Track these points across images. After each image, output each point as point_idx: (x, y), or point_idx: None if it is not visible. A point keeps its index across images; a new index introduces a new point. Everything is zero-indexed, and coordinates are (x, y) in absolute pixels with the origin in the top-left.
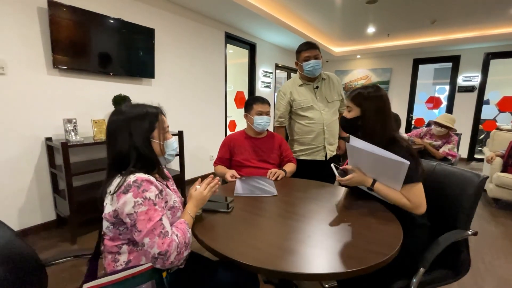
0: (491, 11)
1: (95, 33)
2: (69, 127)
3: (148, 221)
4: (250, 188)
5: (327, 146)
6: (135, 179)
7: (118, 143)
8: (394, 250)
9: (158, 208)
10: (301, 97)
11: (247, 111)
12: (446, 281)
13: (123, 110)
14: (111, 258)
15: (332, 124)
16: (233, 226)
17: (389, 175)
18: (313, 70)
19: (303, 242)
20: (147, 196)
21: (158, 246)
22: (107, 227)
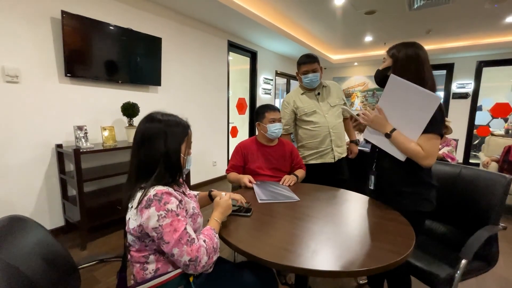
0: (483, 22)
1: (105, 42)
2: (79, 134)
3: (174, 232)
4: (272, 194)
5: (335, 148)
6: (155, 193)
7: (152, 149)
8: (409, 249)
9: (181, 218)
10: (304, 104)
11: (259, 120)
12: (482, 271)
13: (159, 118)
14: (140, 266)
15: (338, 126)
16: (257, 228)
17: (416, 115)
18: (311, 83)
19: (324, 243)
20: (169, 208)
21: (188, 253)
22: (133, 240)
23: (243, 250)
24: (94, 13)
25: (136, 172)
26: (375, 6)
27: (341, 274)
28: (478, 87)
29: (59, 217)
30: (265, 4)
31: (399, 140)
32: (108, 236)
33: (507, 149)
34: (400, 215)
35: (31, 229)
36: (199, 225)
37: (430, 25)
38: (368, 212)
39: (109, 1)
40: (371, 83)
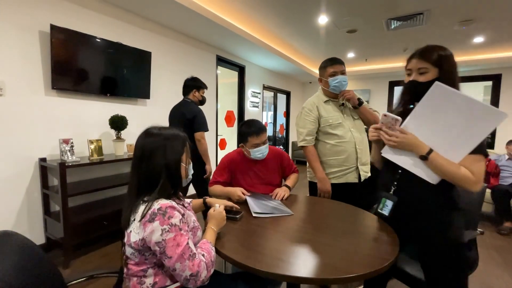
0: (454, 42)
1: (94, 56)
2: (65, 147)
3: (176, 247)
4: (265, 207)
5: (360, 167)
6: (159, 207)
7: (152, 162)
8: (394, 256)
9: (183, 233)
10: (329, 113)
11: (243, 142)
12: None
13: (157, 132)
14: (137, 280)
15: (363, 142)
16: (250, 239)
17: (466, 133)
18: (340, 86)
19: (316, 251)
20: (172, 222)
21: (189, 268)
22: (132, 253)
23: (236, 261)
24: (83, 27)
25: (137, 186)
26: (356, 26)
27: (331, 281)
28: None
29: (40, 235)
30: (252, 21)
31: (439, 163)
32: (92, 253)
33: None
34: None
35: (21, 244)
36: (198, 238)
37: (407, 44)
38: (358, 222)
39: (99, 15)
40: None
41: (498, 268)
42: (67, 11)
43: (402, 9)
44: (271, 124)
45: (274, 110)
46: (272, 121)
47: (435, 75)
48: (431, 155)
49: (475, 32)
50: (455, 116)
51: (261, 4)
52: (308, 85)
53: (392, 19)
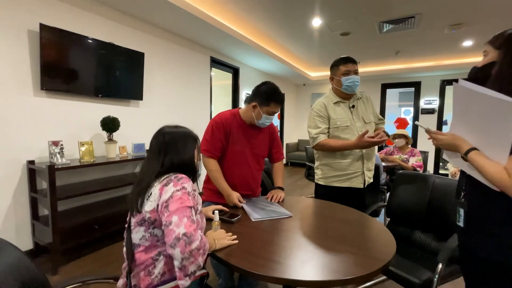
0: (444, 45)
1: (85, 56)
2: (54, 150)
3: (180, 203)
4: (263, 211)
5: (366, 172)
6: (176, 175)
7: (179, 152)
8: (391, 256)
9: (190, 199)
10: (338, 115)
11: (260, 103)
12: (458, 275)
13: (172, 130)
14: (145, 273)
15: (372, 148)
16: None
17: (498, 132)
18: (353, 86)
19: (312, 253)
20: (184, 186)
21: (186, 226)
22: (143, 236)
23: (233, 265)
24: (75, 26)
25: (158, 171)
26: (349, 29)
27: (328, 283)
28: (443, 104)
29: (27, 240)
30: (247, 23)
31: (479, 163)
32: (82, 258)
33: None
34: (381, 224)
35: (5, 251)
36: (203, 226)
37: (398, 47)
38: (353, 223)
39: (91, 15)
40: None
41: None
42: (58, 11)
43: (394, 13)
44: None
45: None
46: None
47: (494, 57)
48: (469, 154)
49: (465, 36)
50: (483, 114)
51: (255, 6)
52: (302, 87)
53: (384, 22)
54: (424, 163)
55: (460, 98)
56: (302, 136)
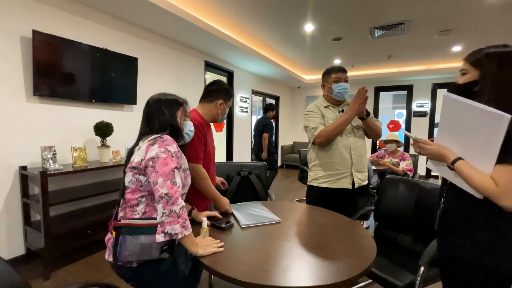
0: (434, 50)
1: (78, 62)
2: (47, 155)
3: (165, 165)
4: (254, 217)
5: (354, 173)
6: (162, 136)
7: (160, 114)
8: (370, 262)
9: (174, 159)
10: (328, 116)
11: (224, 100)
12: (439, 279)
13: (160, 97)
14: (130, 209)
15: (360, 149)
16: (231, 248)
17: (484, 142)
18: (343, 93)
19: (295, 259)
20: (168, 148)
21: (168, 188)
22: (130, 181)
23: (216, 271)
24: (68, 32)
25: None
26: (341, 34)
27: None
28: (435, 106)
29: (19, 245)
30: (240, 28)
31: (464, 173)
32: (74, 264)
33: None
34: (364, 229)
35: None
36: (187, 183)
37: (390, 51)
38: (338, 228)
39: (85, 21)
40: None
41: None
42: (51, 17)
43: (384, 19)
44: None
45: None
46: None
47: (474, 77)
48: (456, 163)
49: (453, 41)
50: (472, 126)
51: (249, 11)
52: (296, 90)
53: (375, 28)
54: (414, 167)
55: (448, 109)
56: (297, 139)
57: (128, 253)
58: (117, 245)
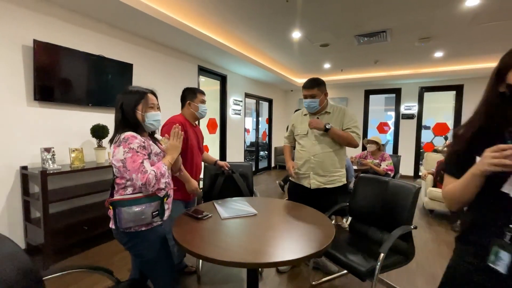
0: (418, 55)
1: (76, 69)
2: (46, 156)
3: (133, 162)
4: (234, 210)
5: (313, 176)
6: (124, 136)
7: (117, 110)
8: (325, 245)
9: (139, 154)
10: (301, 125)
11: (190, 99)
12: (401, 264)
13: (124, 90)
14: (122, 190)
15: (322, 156)
16: (209, 235)
17: None
18: (308, 108)
19: (264, 242)
20: (131, 146)
21: (141, 179)
22: (116, 171)
23: (192, 251)
24: (66, 40)
25: (117, 125)
26: (328, 41)
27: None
28: (422, 109)
29: (20, 241)
30: (232, 35)
31: None
32: (72, 258)
33: (439, 163)
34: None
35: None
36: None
37: (377, 56)
38: (306, 219)
39: (83, 30)
40: None
41: (444, 260)
42: (50, 26)
43: (366, 27)
44: (254, 131)
45: (257, 116)
46: (255, 128)
47: None
48: None
49: (434, 48)
50: None
51: (239, 20)
52: (289, 93)
53: (360, 35)
54: (396, 167)
55: None
56: None
57: (124, 221)
58: (115, 215)
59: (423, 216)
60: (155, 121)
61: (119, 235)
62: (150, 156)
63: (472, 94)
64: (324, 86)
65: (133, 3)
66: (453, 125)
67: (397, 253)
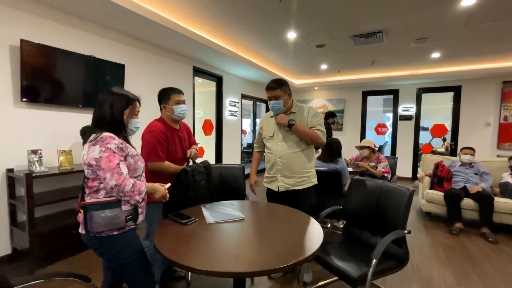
0: (415, 56)
1: (65, 69)
2: (33, 158)
3: (109, 162)
4: (220, 215)
5: (280, 178)
6: (101, 136)
7: (104, 108)
8: (313, 251)
9: (116, 155)
10: (268, 127)
11: (164, 102)
12: (394, 270)
13: (114, 90)
14: (94, 193)
15: (289, 157)
16: (190, 240)
17: None
18: (273, 110)
19: (247, 249)
20: (108, 146)
21: (116, 179)
22: (87, 173)
23: (173, 260)
24: (55, 41)
25: (96, 124)
26: (324, 41)
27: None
28: (420, 110)
29: (6, 245)
30: (227, 36)
31: None
32: (59, 262)
33: (436, 165)
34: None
35: None
36: (139, 166)
37: (373, 57)
38: (294, 224)
39: (73, 30)
40: (331, 106)
41: (441, 264)
42: (38, 26)
43: (362, 28)
44: (251, 132)
45: (254, 118)
46: (252, 129)
47: None
48: None
49: (431, 48)
50: None
51: (234, 20)
52: None
53: (355, 36)
54: (393, 169)
55: None
56: None
57: (96, 225)
58: (86, 220)
59: (420, 219)
60: (135, 128)
61: (89, 240)
62: (127, 158)
63: (470, 96)
64: (287, 86)
65: (124, 3)
66: (451, 127)
67: (390, 258)
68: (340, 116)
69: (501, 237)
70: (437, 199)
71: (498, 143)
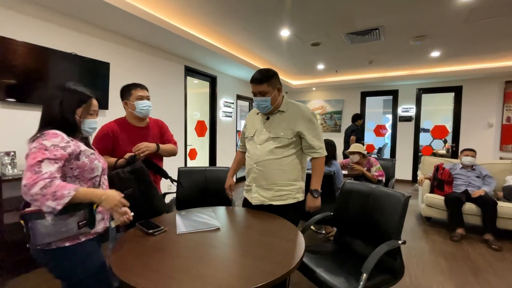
0: (414, 55)
1: (46, 67)
2: (6, 160)
3: (32, 159)
4: (193, 224)
5: (255, 189)
6: (44, 132)
7: (52, 106)
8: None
9: (46, 152)
10: (250, 126)
11: (126, 98)
12: (388, 285)
13: (65, 86)
14: None
15: (265, 163)
16: (151, 255)
17: None
18: (259, 108)
19: (212, 268)
20: (43, 142)
21: (26, 178)
22: None
23: (125, 282)
24: (35, 38)
25: (43, 123)
26: (319, 39)
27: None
28: (420, 111)
29: None
30: (220, 35)
31: None
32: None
33: (437, 167)
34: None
35: None
36: (95, 166)
37: (371, 56)
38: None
39: (52, 26)
40: (329, 107)
41: (441, 274)
42: (14, 21)
43: (357, 25)
44: None
45: None
46: None
47: None
48: None
49: (430, 47)
50: None
51: (226, 18)
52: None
53: (351, 33)
54: (390, 171)
55: None
56: None
57: (41, 236)
58: (29, 230)
59: (419, 224)
60: (91, 129)
61: (37, 255)
62: (79, 157)
63: (472, 96)
64: (276, 79)
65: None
66: (452, 128)
67: (383, 271)
68: (338, 117)
69: (505, 244)
70: (438, 204)
71: (500, 144)
